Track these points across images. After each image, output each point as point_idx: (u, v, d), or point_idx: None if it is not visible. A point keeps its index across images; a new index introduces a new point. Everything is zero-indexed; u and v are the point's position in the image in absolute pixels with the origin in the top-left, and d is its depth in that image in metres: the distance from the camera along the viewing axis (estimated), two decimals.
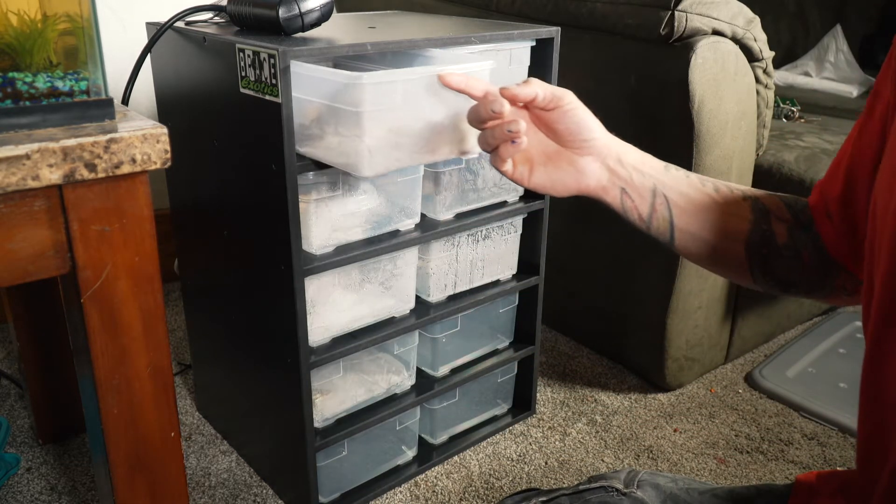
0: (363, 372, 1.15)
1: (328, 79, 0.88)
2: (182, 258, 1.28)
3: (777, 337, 1.68)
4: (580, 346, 1.62)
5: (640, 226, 0.74)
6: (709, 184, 0.73)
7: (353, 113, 0.86)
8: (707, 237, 0.72)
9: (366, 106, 0.85)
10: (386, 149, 0.89)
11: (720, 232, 0.71)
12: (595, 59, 1.36)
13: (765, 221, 0.70)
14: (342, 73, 0.86)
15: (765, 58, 1.30)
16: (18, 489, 1.18)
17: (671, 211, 0.73)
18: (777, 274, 0.71)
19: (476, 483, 1.22)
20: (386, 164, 0.90)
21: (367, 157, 0.87)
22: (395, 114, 0.88)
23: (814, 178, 1.34)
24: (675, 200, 0.73)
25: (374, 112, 0.86)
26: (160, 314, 0.64)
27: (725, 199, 0.72)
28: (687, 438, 1.35)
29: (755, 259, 0.71)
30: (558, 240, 1.46)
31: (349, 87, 0.86)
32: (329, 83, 0.88)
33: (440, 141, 0.90)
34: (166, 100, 1.15)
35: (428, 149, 0.91)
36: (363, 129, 0.86)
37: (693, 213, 0.72)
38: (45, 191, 0.56)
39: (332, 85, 0.88)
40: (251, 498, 1.18)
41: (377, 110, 0.86)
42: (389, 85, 0.87)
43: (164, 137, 0.60)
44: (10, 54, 0.59)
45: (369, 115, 0.86)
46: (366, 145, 0.87)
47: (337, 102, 0.88)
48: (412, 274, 1.13)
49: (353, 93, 0.85)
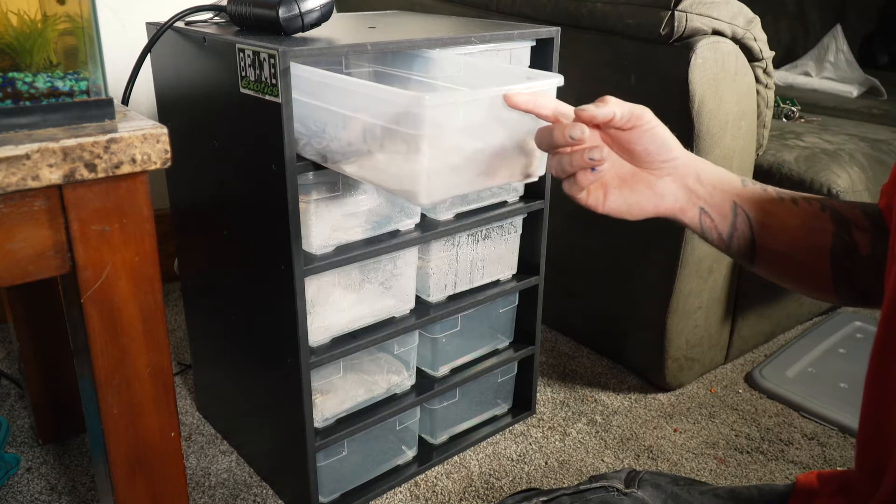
0: (363, 372, 1.15)
1: (383, 98, 0.80)
2: (182, 258, 1.28)
3: (777, 337, 1.68)
4: (580, 346, 1.62)
5: (720, 246, 0.70)
6: (786, 196, 0.69)
7: (411, 136, 0.78)
8: (790, 253, 0.68)
9: (426, 129, 0.76)
10: (445, 174, 0.80)
11: (803, 247, 0.68)
12: (595, 59, 1.36)
13: (846, 232, 0.67)
14: (403, 94, 0.79)
15: (765, 58, 1.30)
16: (18, 489, 1.18)
17: (752, 229, 0.68)
18: (862, 285, 0.67)
19: (476, 483, 1.22)
20: (444, 190, 0.83)
21: (425, 183, 0.79)
22: (455, 136, 0.80)
23: (814, 178, 1.34)
24: (756, 217, 0.68)
25: (434, 136, 0.78)
26: (160, 314, 0.64)
27: (804, 211, 0.68)
28: (687, 438, 1.35)
29: (840, 273, 0.67)
30: (558, 240, 1.46)
31: (409, 109, 0.77)
32: (385, 102, 0.81)
33: (501, 164, 0.82)
34: (166, 100, 1.15)
35: (488, 173, 0.83)
36: (421, 154, 0.78)
37: (775, 230, 0.68)
38: (45, 191, 0.56)
39: (387, 104, 0.80)
40: (251, 498, 1.18)
41: (437, 134, 0.78)
42: (451, 106, 0.79)
43: (164, 137, 0.60)
44: (10, 54, 0.59)
45: (429, 138, 0.77)
46: (424, 170, 0.78)
47: (392, 123, 0.80)
48: (412, 274, 1.13)
49: (413, 114, 0.77)
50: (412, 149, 0.78)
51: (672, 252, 1.33)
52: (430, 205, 0.82)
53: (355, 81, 0.83)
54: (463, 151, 0.81)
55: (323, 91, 0.87)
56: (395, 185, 0.83)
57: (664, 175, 0.68)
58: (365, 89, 0.82)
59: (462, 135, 0.81)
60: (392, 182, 0.84)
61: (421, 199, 0.80)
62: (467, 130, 0.81)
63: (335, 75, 0.85)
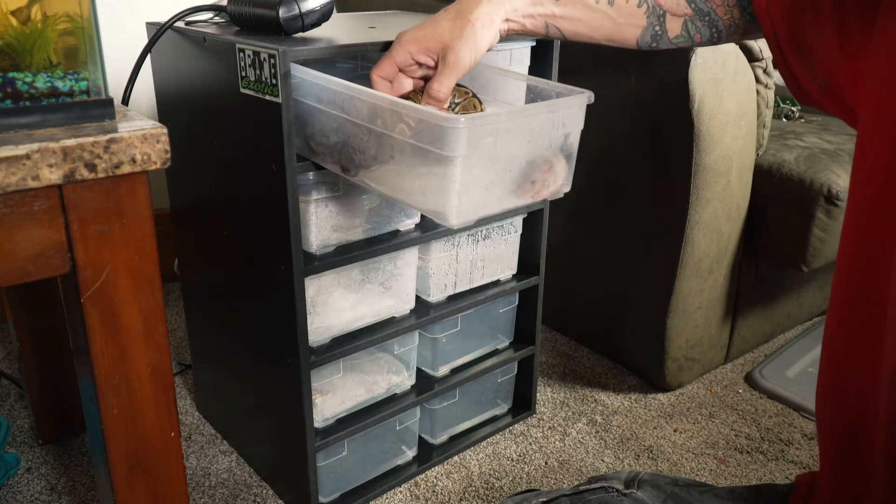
0: (363, 372, 1.15)
1: (419, 118, 0.78)
2: (182, 258, 1.28)
3: (777, 337, 1.68)
4: (580, 346, 1.62)
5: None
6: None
7: (444, 157, 0.76)
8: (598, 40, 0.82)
9: (460, 150, 0.75)
10: (475, 194, 0.80)
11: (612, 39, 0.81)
12: (595, 59, 1.36)
13: (659, 24, 0.78)
14: (438, 115, 0.76)
15: (765, 58, 1.30)
16: (18, 489, 1.18)
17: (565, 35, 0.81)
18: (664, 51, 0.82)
19: (476, 483, 1.22)
20: (475, 211, 0.81)
21: (457, 204, 0.78)
22: (486, 157, 0.80)
23: (814, 177, 1.34)
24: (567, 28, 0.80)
25: (467, 157, 0.77)
26: (160, 314, 0.64)
27: (620, 10, 0.78)
28: (687, 438, 1.35)
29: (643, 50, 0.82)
30: (558, 240, 1.46)
31: (444, 130, 0.75)
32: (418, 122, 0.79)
33: (528, 182, 0.83)
34: (166, 100, 1.15)
35: (518, 192, 0.83)
36: (454, 176, 0.77)
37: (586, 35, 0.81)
38: (45, 191, 0.56)
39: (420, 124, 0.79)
40: (251, 498, 1.18)
41: (471, 155, 0.77)
42: (487, 127, 0.78)
43: (164, 137, 0.59)
44: (10, 54, 0.59)
45: (463, 159, 0.76)
46: (455, 192, 0.78)
47: (425, 143, 0.78)
48: (412, 274, 1.13)
49: (448, 136, 0.75)
50: (445, 170, 0.77)
51: (672, 252, 1.33)
52: (461, 225, 0.81)
53: (390, 99, 0.80)
54: (493, 171, 0.81)
55: (349, 104, 0.85)
56: (424, 204, 0.82)
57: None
58: (398, 107, 0.79)
59: (493, 154, 0.80)
60: (421, 202, 0.82)
61: (451, 220, 0.79)
62: (499, 149, 0.80)
63: (365, 90, 0.82)
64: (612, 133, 1.38)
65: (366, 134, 0.85)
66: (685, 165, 1.26)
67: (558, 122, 0.84)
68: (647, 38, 0.80)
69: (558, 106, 0.84)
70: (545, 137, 0.80)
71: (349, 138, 0.87)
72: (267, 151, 0.93)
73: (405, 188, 0.84)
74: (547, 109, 0.83)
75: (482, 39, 0.78)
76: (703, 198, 1.28)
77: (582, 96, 0.86)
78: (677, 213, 1.30)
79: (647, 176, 1.35)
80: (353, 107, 0.84)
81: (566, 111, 0.84)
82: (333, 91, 0.86)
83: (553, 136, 0.77)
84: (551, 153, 0.81)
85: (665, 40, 0.80)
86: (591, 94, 0.87)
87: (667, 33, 0.79)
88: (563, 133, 0.85)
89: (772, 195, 1.38)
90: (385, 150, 0.84)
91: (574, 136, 0.87)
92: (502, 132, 0.79)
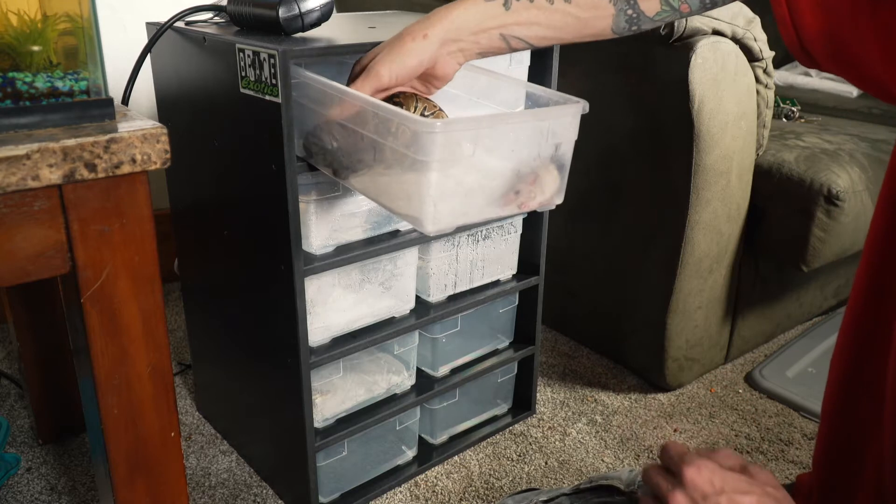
0: (363, 372, 1.15)
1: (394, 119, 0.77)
2: (182, 258, 1.28)
3: (777, 337, 1.68)
4: (580, 346, 1.62)
5: None
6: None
7: (419, 162, 0.74)
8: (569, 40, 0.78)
9: (435, 155, 0.73)
10: (453, 201, 0.78)
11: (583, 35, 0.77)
12: (595, 59, 1.36)
13: (630, 6, 0.74)
14: (413, 118, 0.75)
15: (765, 58, 1.30)
16: (18, 489, 1.18)
17: (530, 43, 0.77)
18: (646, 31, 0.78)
19: (476, 483, 1.22)
20: (452, 219, 0.79)
21: (432, 211, 0.76)
22: (465, 164, 0.77)
23: (814, 177, 1.34)
24: (528, 35, 0.76)
25: (443, 162, 0.74)
26: (160, 314, 0.64)
27: (580, 5, 0.74)
28: (687, 438, 1.35)
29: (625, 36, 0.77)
30: (558, 240, 1.46)
31: (419, 134, 0.73)
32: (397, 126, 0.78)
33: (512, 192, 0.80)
34: (166, 100, 1.15)
35: (501, 202, 0.80)
36: (429, 182, 0.74)
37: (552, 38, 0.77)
38: (45, 191, 0.56)
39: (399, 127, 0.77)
40: (251, 498, 1.18)
41: (447, 160, 0.75)
42: (464, 133, 0.76)
43: (164, 137, 0.59)
44: (10, 54, 0.59)
45: (439, 164, 0.74)
46: (431, 198, 0.75)
47: (402, 146, 0.77)
48: (412, 274, 1.13)
49: (422, 140, 0.73)
50: (420, 175, 0.75)
51: (672, 252, 1.33)
52: (436, 232, 0.79)
53: (370, 101, 0.79)
54: (473, 178, 0.78)
55: (336, 105, 0.84)
56: (402, 209, 0.81)
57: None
58: (375, 108, 0.79)
59: (472, 162, 0.78)
60: (399, 206, 0.81)
61: (427, 226, 0.77)
62: (479, 157, 0.77)
63: (350, 91, 0.81)
64: (612, 133, 1.38)
65: (352, 136, 0.84)
66: (685, 165, 1.26)
67: (547, 131, 0.80)
68: (621, 24, 0.75)
69: (547, 115, 0.81)
70: (533, 146, 0.77)
71: (337, 141, 0.87)
72: (267, 151, 0.93)
73: (389, 193, 0.83)
74: (533, 118, 0.80)
75: (410, 52, 0.77)
76: (703, 198, 1.28)
77: (575, 106, 0.82)
78: (677, 212, 1.30)
79: (647, 176, 1.35)
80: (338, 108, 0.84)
81: (556, 121, 0.81)
82: (320, 91, 0.86)
83: (542, 145, 0.74)
84: (540, 163, 0.78)
85: (645, 20, 0.75)
86: (585, 104, 0.83)
87: (643, 13, 0.74)
88: (554, 143, 0.81)
89: (772, 195, 1.38)
90: (368, 153, 0.82)
91: (566, 146, 0.83)
92: (482, 138, 0.76)
